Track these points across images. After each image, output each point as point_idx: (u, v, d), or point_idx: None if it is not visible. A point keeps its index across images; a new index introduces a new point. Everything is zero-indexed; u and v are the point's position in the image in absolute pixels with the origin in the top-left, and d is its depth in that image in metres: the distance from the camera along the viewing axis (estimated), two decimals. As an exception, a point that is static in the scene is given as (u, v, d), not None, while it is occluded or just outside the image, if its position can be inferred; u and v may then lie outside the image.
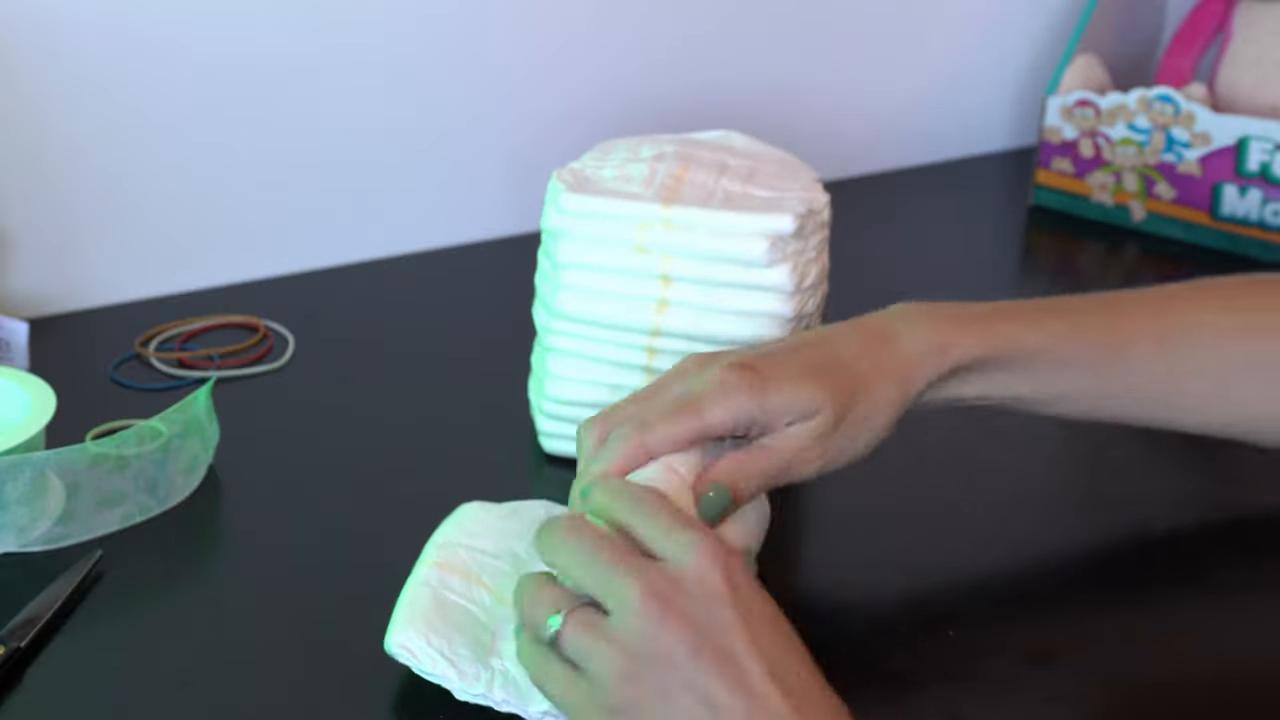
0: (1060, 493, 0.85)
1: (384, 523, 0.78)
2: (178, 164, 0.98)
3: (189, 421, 0.78)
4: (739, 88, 1.18)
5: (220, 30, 0.97)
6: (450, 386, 0.92)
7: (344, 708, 0.65)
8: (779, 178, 0.80)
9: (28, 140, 0.93)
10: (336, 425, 0.88)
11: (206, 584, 0.74)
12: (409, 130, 1.07)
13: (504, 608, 0.66)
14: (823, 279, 0.81)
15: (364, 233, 1.07)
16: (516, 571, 0.67)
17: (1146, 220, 1.17)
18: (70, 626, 0.69)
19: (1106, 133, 1.17)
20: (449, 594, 0.66)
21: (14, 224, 0.94)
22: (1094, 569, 0.78)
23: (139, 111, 0.96)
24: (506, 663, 0.63)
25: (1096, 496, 0.84)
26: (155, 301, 0.99)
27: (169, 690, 0.66)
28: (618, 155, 0.82)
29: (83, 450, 0.74)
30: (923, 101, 1.30)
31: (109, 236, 0.98)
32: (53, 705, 0.65)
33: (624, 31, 1.12)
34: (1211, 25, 1.21)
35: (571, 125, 1.10)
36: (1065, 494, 0.85)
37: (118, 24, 0.94)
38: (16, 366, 0.86)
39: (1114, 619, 0.73)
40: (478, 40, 1.07)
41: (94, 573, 0.72)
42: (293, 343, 0.95)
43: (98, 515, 0.75)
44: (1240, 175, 1.12)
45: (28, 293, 0.96)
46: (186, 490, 0.79)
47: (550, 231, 0.79)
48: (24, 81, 0.92)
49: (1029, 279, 1.18)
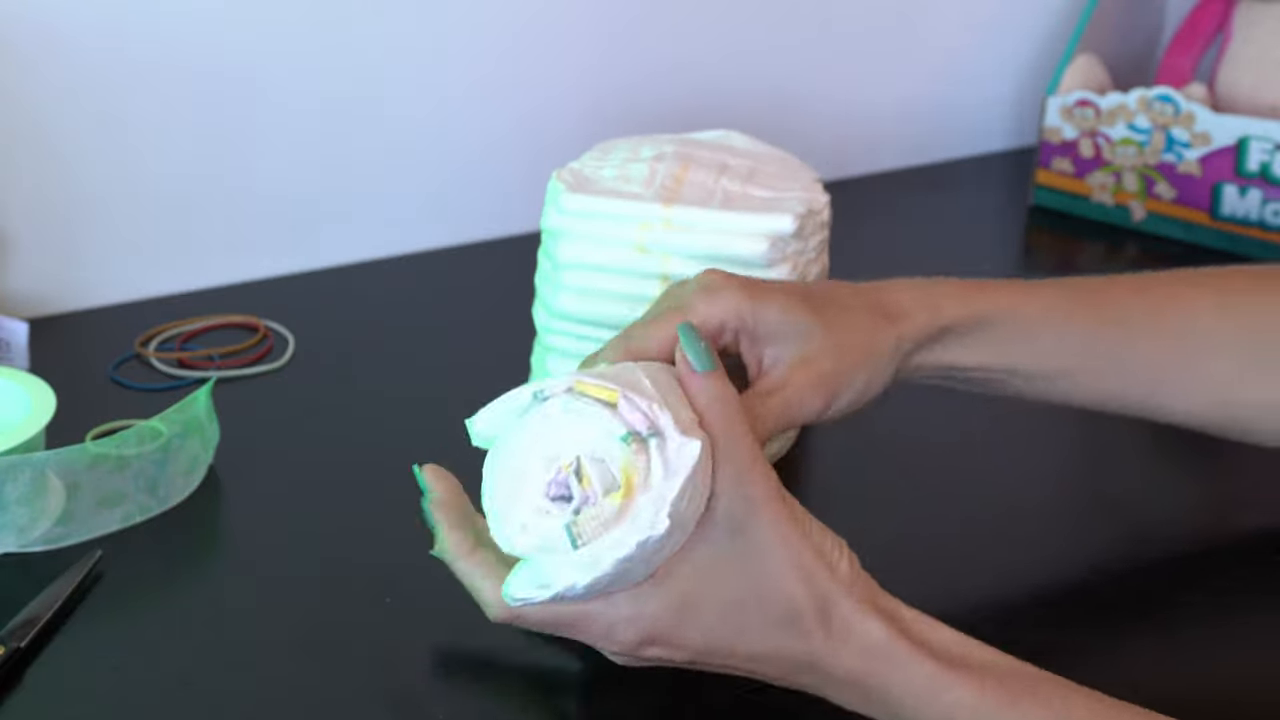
0: (1060, 493, 0.85)
1: (384, 522, 0.78)
2: (178, 164, 0.98)
3: (189, 421, 0.78)
4: (740, 88, 1.18)
5: (220, 30, 0.97)
6: (450, 387, 0.92)
7: (344, 708, 0.65)
8: (779, 178, 0.80)
9: (28, 140, 0.93)
10: (336, 425, 0.88)
11: (206, 583, 0.74)
12: (409, 130, 1.07)
13: None
14: (823, 278, 0.81)
15: (364, 233, 1.07)
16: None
17: (1146, 220, 1.17)
18: (70, 626, 0.69)
19: (1106, 133, 1.17)
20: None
21: (14, 224, 0.94)
22: (1094, 569, 0.78)
23: (139, 111, 0.96)
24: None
25: (1096, 497, 0.84)
26: (155, 301, 0.99)
27: (169, 690, 0.66)
28: (617, 155, 0.82)
29: (83, 450, 0.74)
30: (923, 101, 1.30)
31: (109, 236, 0.98)
32: (53, 705, 0.65)
33: (624, 32, 1.12)
34: (1211, 25, 1.21)
35: (571, 125, 1.10)
36: (1064, 495, 0.85)
37: (118, 24, 0.94)
38: (16, 366, 0.86)
39: (1114, 619, 0.73)
40: (478, 40, 1.07)
41: (94, 573, 0.72)
42: (293, 343, 0.95)
43: (98, 515, 0.75)
44: (1240, 175, 1.12)
45: (28, 293, 0.96)
46: (187, 490, 0.79)
47: (550, 231, 0.79)
48: (24, 81, 0.92)
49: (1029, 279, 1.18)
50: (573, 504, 0.55)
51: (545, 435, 0.57)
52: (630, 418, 0.55)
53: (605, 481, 0.55)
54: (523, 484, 0.57)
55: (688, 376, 0.58)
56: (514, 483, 0.57)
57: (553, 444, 0.56)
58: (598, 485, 0.55)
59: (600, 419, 0.56)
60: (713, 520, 0.56)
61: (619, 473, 0.55)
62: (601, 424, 0.55)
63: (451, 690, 0.67)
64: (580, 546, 0.55)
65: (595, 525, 0.55)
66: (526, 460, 0.57)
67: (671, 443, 0.55)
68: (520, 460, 0.57)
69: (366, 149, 1.05)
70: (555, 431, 0.56)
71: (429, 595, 0.72)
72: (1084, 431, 0.90)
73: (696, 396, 0.57)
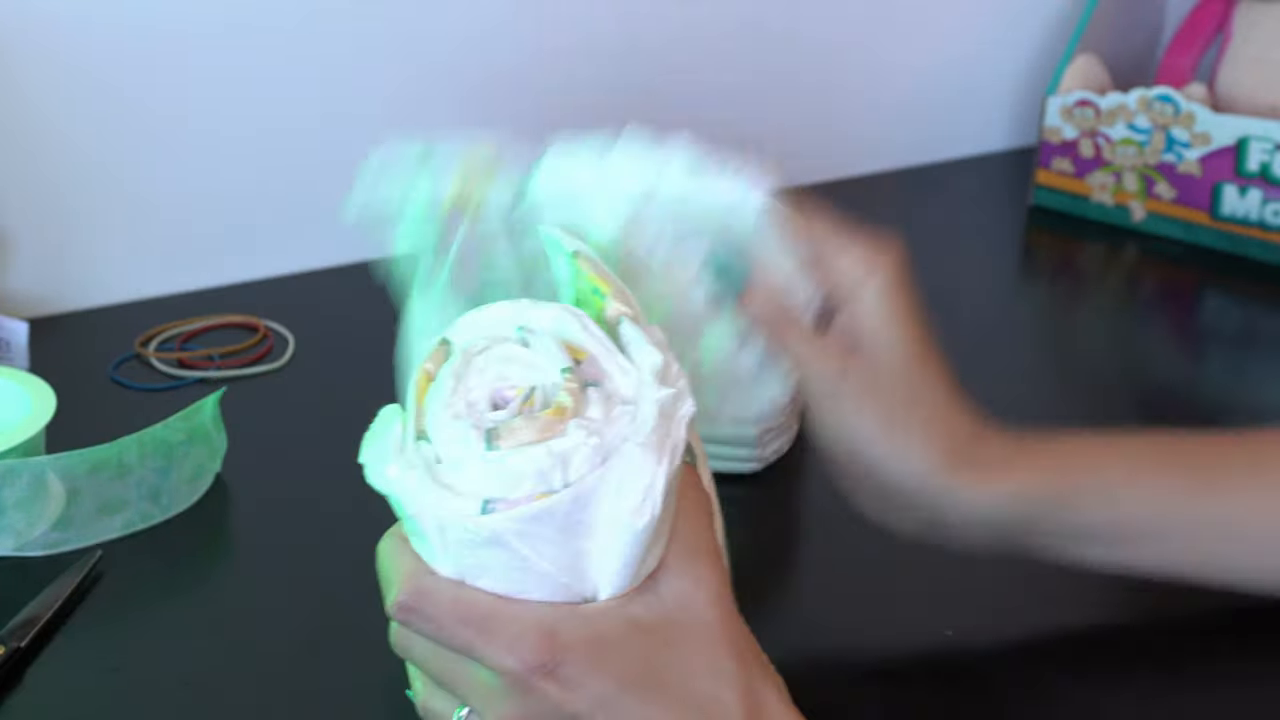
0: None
1: (383, 522, 0.78)
2: (178, 164, 0.98)
3: (194, 430, 0.77)
4: (741, 87, 1.18)
5: (221, 30, 0.97)
6: (450, 386, 0.92)
7: (344, 709, 0.65)
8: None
9: (28, 140, 0.93)
10: (336, 425, 0.87)
11: (206, 583, 0.74)
12: (409, 130, 1.06)
13: None
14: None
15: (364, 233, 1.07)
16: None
17: (1146, 220, 1.17)
18: (70, 627, 0.69)
19: (1106, 133, 1.17)
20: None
21: (14, 224, 0.94)
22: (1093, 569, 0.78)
23: (139, 111, 0.96)
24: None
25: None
26: (155, 301, 0.99)
27: (169, 690, 0.66)
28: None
29: (83, 456, 0.73)
30: (923, 101, 1.30)
31: (109, 236, 0.98)
32: (53, 705, 0.65)
33: (625, 30, 1.12)
34: (1211, 25, 1.21)
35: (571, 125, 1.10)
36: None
37: (118, 24, 0.94)
38: (16, 366, 0.86)
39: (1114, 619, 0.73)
40: (477, 40, 1.07)
41: (94, 573, 0.72)
42: (293, 343, 0.95)
43: (97, 521, 0.75)
44: (1240, 175, 1.12)
45: (28, 293, 0.96)
46: (191, 498, 0.78)
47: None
48: (24, 81, 0.92)
49: (1029, 279, 1.18)
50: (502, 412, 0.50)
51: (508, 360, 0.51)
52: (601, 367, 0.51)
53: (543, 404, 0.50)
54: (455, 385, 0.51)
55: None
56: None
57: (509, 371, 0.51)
58: (537, 406, 0.50)
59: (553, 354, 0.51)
60: (655, 587, 0.50)
61: (564, 397, 0.50)
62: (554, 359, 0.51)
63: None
64: (496, 449, 0.48)
65: (518, 436, 0.49)
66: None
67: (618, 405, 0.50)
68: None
69: (367, 149, 1.05)
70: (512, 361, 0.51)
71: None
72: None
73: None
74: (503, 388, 0.51)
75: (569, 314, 0.52)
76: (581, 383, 0.50)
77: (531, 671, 0.48)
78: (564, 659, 0.48)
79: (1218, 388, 1.01)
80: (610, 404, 0.50)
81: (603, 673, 0.48)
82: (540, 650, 0.48)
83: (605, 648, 0.49)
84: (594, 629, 0.49)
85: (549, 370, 0.51)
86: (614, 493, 0.48)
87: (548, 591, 0.49)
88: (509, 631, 0.49)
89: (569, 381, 0.50)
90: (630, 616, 0.49)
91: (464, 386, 0.51)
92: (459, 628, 0.49)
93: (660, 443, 0.49)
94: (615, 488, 0.48)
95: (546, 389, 0.50)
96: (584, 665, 0.48)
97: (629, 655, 0.49)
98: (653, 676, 0.49)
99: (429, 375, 0.52)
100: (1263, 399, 0.98)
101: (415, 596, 0.50)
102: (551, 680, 0.48)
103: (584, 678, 0.48)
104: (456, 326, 0.53)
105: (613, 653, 0.49)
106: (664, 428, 0.49)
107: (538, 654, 0.48)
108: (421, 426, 0.51)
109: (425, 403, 0.51)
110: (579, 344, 0.52)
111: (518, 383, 0.51)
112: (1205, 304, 1.15)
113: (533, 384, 0.50)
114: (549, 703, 0.48)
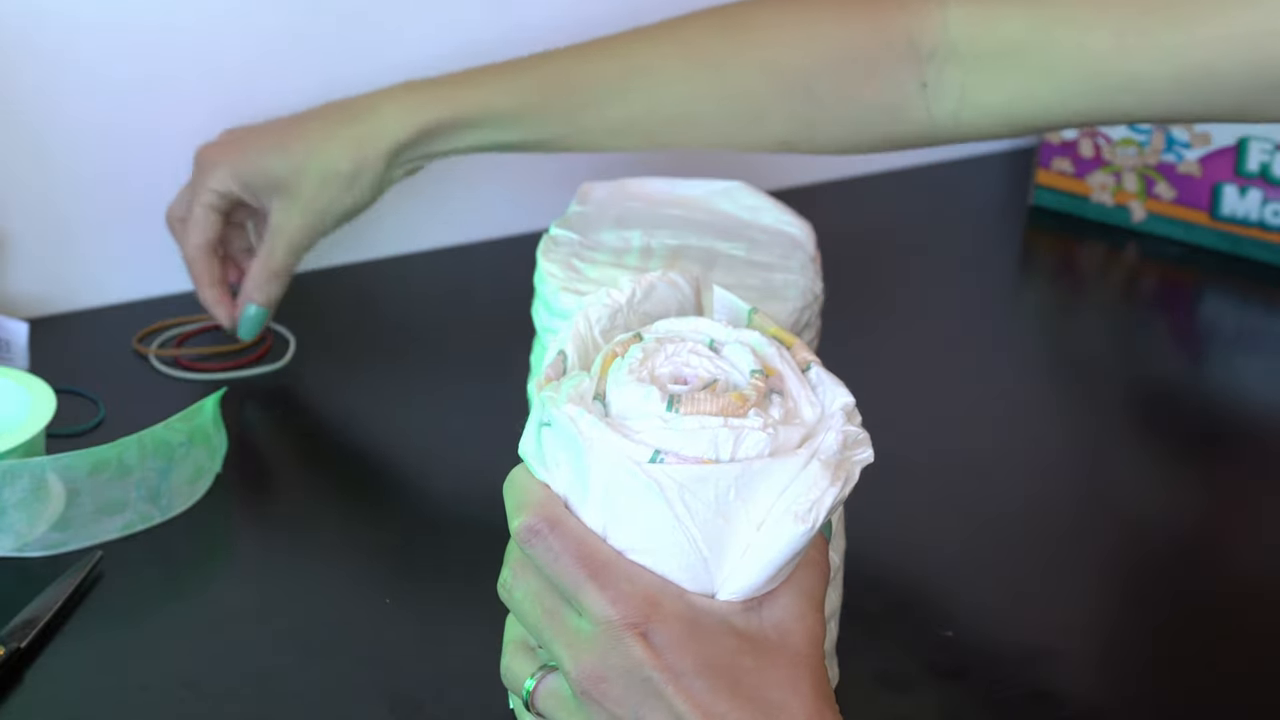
0: (1058, 493, 0.85)
1: (382, 522, 0.78)
2: (178, 164, 0.98)
3: (194, 430, 0.77)
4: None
5: (221, 31, 0.97)
6: (450, 387, 0.92)
7: (344, 709, 0.65)
8: (775, 265, 0.74)
9: (28, 140, 0.93)
10: (336, 425, 0.88)
11: (205, 584, 0.75)
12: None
13: None
14: (815, 344, 0.76)
15: (365, 233, 1.07)
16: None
17: (1146, 220, 1.17)
18: (70, 627, 0.69)
19: (1106, 133, 1.17)
20: None
21: (14, 224, 0.94)
22: (1092, 570, 0.78)
23: (139, 111, 0.96)
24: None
25: (1095, 497, 0.85)
26: (155, 301, 0.99)
27: (169, 690, 0.66)
28: (607, 240, 0.76)
29: (83, 456, 0.73)
30: (923, 101, 1.30)
31: (109, 236, 0.98)
32: (53, 705, 0.65)
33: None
34: (1211, 25, 1.21)
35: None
36: (1063, 494, 0.85)
37: (118, 24, 0.94)
38: (16, 366, 0.86)
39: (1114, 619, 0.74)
40: (477, 40, 1.07)
41: (94, 573, 0.72)
42: (293, 343, 0.95)
43: (97, 522, 0.74)
44: (1240, 175, 1.12)
45: (28, 293, 0.96)
46: (191, 499, 0.78)
47: (542, 326, 0.74)
48: (24, 81, 0.92)
49: (1029, 279, 1.18)
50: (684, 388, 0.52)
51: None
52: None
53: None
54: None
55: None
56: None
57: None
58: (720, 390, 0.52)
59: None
60: (759, 609, 0.53)
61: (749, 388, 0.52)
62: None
63: (452, 691, 0.67)
64: (676, 412, 0.50)
65: (700, 405, 0.51)
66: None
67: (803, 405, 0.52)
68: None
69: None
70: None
71: (430, 596, 0.73)
72: (1082, 433, 0.90)
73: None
74: (689, 373, 0.53)
75: (767, 340, 0.54)
76: (767, 389, 0.52)
77: (628, 625, 0.51)
78: (659, 625, 0.51)
79: (1217, 388, 1.01)
80: (790, 416, 0.52)
81: (688, 650, 0.51)
82: (641, 609, 0.51)
83: (698, 630, 0.51)
84: (695, 612, 0.52)
85: (737, 370, 0.53)
86: (777, 490, 0.50)
87: (681, 562, 0.51)
88: (620, 584, 0.51)
89: (756, 380, 0.52)
90: (730, 618, 0.52)
91: (652, 362, 0.53)
92: (576, 565, 0.52)
93: (838, 467, 0.50)
94: (780, 486, 0.50)
95: (732, 381, 0.52)
96: (674, 637, 0.51)
97: (717, 646, 0.51)
98: (730, 672, 0.51)
99: (616, 354, 0.54)
100: (1263, 399, 0.98)
101: (546, 523, 0.52)
102: (641, 640, 0.51)
103: (670, 647, 0.51)
104: (653, 327, 0.55)
105: (704, 637, 0.51)
106: (842, 458, 0.51)
107: (639, 611, 0.51)
108: (601, 390, 0.53)
109: (609, 372, 0.53)
110: (772, 363, 0.53)
111: (703, 374, 0.53)
112: (1205, 304, 1.15)
113: (718, 376, 0.53)
114: (631, 659, 0.51)
